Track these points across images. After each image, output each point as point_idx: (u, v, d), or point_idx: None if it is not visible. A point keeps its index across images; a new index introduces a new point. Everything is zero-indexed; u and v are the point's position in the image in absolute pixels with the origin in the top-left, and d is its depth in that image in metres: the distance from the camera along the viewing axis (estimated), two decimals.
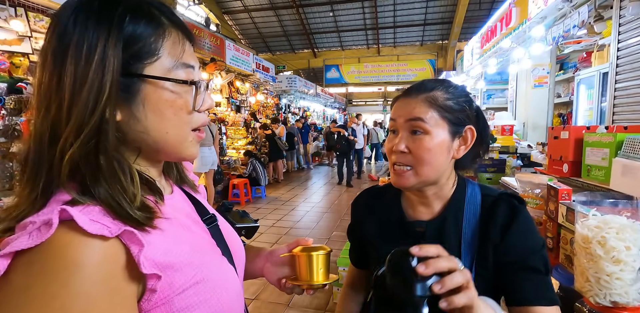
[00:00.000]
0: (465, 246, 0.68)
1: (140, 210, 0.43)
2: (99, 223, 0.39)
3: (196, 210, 0.58)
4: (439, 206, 0.74)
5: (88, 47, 0.41)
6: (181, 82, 0.47)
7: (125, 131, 0.46)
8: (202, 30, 6.06)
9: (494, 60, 5.03)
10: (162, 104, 0.46)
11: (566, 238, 0.97)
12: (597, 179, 1.61)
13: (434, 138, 0.67)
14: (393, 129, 0.72)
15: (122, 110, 0.44)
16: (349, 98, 19.25)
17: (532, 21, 3.59)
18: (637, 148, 1.38)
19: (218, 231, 0.58)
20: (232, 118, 7.39)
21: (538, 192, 1.20)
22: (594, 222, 0.79)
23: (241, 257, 0.61)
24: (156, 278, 0.41)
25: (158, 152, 0.49)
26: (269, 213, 5.12)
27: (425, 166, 0.67)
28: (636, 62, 2.45)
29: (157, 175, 0.53)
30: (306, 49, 17.17)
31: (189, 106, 0.48)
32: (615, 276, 0.73)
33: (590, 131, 1.75)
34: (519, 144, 3.41)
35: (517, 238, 0.66)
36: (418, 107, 0.68)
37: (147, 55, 0.45)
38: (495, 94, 6.69)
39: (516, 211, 0.67)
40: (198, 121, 0.51)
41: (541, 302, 0.62)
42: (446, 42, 15.25)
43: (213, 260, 0.51)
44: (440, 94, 0.69)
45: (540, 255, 0.65)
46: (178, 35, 0.48)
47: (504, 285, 0.65)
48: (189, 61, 0.49)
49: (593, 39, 3.63)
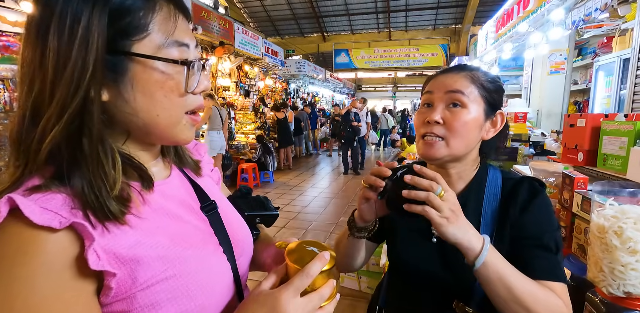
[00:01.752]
0: (485, 225, 0.70)
1: (117, 200, 0.40)
2: (52, 213, 0.36)
3: (197, 196, 0.54)
4: (461, 186, 0.76)
5: (71, 21, 0.38)
6: (172, 62, 0.43)
7: (113, 113, 0.43)
8: (211, 13, 5.96)
9: (510, 45, 4.87)
10: (151, 85, 0.43)
11: (580, 228, 0.95)
12: (613, 169, 1.58)
13: (471, 112, 0.69)
14: (427, 103, 0.73)
15: (109, 90, 0.41)
16: (359, 84, 18.97)
17: (551, 4, 3.43)
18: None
19: (218, 220, 0.54)
20: (241, 103, 7.37)
21: (552, 180, 1.18)
22: (611, 212, 0.77)
23: (244, 248, 0.57)
24: (112, 275, 0.38)
25: (149, 135, 0.46)
26: (277, 197, 5.17)
27: (458, 139, 0.69)
28: None
29: (150, 158, 0.51)
30: (315, 32, 16.81)
31: (182, 88, 0.45)
32: (630, 267, 0.72)
33: (608, 119, 1.70)
34: (532, 132, 3.34)
35: (533, 215, 0.68)
36: (460, 81, 0.70)
37: (135, 31, 0.41)
38: (509, 80, 6.52)
39: (536, 192, 0.70)
40: (193, 104, 0.47)
41: (549, 278, 0.64)
42: (459, 27, 14.76)
43: (198, 253, 0.47)
44: (481, 74, 0.72)
45: (553, 235, 0.68)
46: (171, 10, 0.44)
47: (515, 260, 0.66)
48: (182, 39, 0.45)
49: (615, 23, 3.47)
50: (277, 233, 3.71)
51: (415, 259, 0.75)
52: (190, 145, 0.63)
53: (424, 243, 0.74)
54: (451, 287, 0.72)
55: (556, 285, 0.64)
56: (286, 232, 3.75)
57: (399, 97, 18.30)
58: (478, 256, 0.58)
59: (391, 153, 9.96)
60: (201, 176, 0.60)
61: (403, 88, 18.17)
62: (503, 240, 0.69)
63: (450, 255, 0.71)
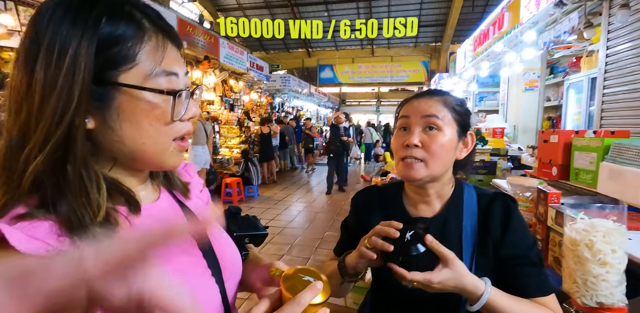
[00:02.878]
0: (466, 240, 0.74)
1: (101, 226, 0.40)
2: (38, 241, 0.36)
3: (186, 217, 0.54)
4: (439, 205, 0.79)
5: (59, 50, 0.39)
6: (158, 92, 0.43)
7: (99, 140, 0.43)
8: (196, 28, 6.01)
9: (486, 63, 5.10)
10: (137, 113, 0.43)
11: (555, 241, 0.99)
12: (584, 183, 1.65)
13: (446, 135, 0.73)
14: (404, 126, 0.77)
15: (95, 118, 0.42)
16: (343, 98, 19.28)
17: (524, 26, 3.65)
18: (624, 153, 1.42)
19: (207, 243, 0.54)
20: (226, 117, 7.35)
21: (528, 195, 1.23)
22: (582, 225, 0.81)
23: (233, 270, 0.56)
24: None
25: (135, 162, 0.47)
26: (262, 212, 5.11)
27: (437, 160, 0.72)
28: (624, 68, 2.51)
29: (139, 183, 0.51)
30: (300, 48, 17.13)
31: (168, 116, 0.45)
32: (601, 278, 0.76)
33: (578, 135, 1.80)
34: (509, 146, 3.47)
35: (515, 235, 0.73)
36: (434, 105, 0.74)
37: (123, 61, 0.42)
38: (487, 96, 6.78)
39: (511, 209, 0.74)
40: (181, 131, 0.47)
41: (542, 294, 0.70)
42: (439, 44, 15.36)
43: (185, 276, 0.47)
44: (451, 99, 0.77)
45: (536, 250, 0.74)
46: (160, 40, 0.45)
47: (506, 279, 0.71)
48: (170, 68, 0.45)
49: (582, 45, 3.71)
50: (262, 248, 3.64)
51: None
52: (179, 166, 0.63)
53: None
54: (438, 304, 0.73)
55: (548, 299, 0.70)
56: (271, 247, 3.69)
57: (383, 111, 18.67)
58: (477, 301, 0.62)
59: (375, 166, 10.07)
60: (189, 199, 0.59)
61: (386, 103, 18.57)
62: (486, 254, 0.73)
63: None
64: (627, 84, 2.48)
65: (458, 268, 0.61)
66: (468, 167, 0.82)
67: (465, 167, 0.82)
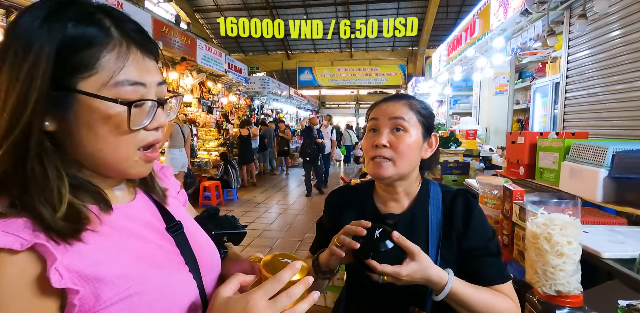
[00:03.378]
0: (432, 234, 0.79)
1: (66, 220, 0.41)
2: (13, 236, 0.38)
3: (163, 217, 0.56)
4: (407, 202, 0.84)
5: (22, 55, 0.40)
6: (111, 101, 0.43)
7: (62, 142, 0.44)
8: (172, 29, 5.90)
9: (460, 67, 5.29)
10: (94, 121, 0.43)
11: (519, 235, 1.06)
12: (548, 181, 1.76)
13: (412, 135, 0.78)
14: (373, 128, 0.81)
15: (55, 122, 0.43)
16: (322, 100, 19.39)
17: (493, 33, 3.82)
18: (582, 153, 1.53)
19: (184, 240, 0.55)
20: (203, 119, 7.23)
21: (496, 193, 1.30)
22: (542, 220, 0.87)
23: (211, 266, 0.58)
24: (75, 292, 0.40)
25: (98, 167, 0.47)
26: (242, 215, 5.06)
27: (404, 159, 0.77)
28: (583, 74, 2.68)
29: (112, 184, 0.51)
30: (280, 50, 17.11)
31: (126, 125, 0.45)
32: (559, 268, 0.82)
33: (543, 136, 1.91)
34: (481, 147, 3.61)
35: (477, 228, 0.79)
36: (400, 108, 0.79)
37: (82, 68, 0.42)
38: (460, 99, 7.02)
39: (472, 204, 0.80)
40: (145, 140, 0.47)
41: (500, 282, 0.77)
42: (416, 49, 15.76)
43: (162, 271, 0.48)
44: (416, 102, 0.82)
45: (494, 241, 0.80)
46: (125, 49, 0.44)
47: (468, 269, 0.77)
48: (137, 78, 0.45)
49: (547, 51, 3.92)
50: (242, 251, 3.61)
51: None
52: (156, 167, 0.63)
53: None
54: (407, 296, 0.78)
55: (505, 286, 0.78)
56: (251, 250, 3.66)
57: (362, 114, 18.90)
58: (442, 291, 0.67)
59: (354, 168, 10.17)
60: (166, 204, 0.59)
61: (365, 105, 18.82)
62: (450, 247, 0.78)
63: None
64: (587, 88, 2.65)
65: (423, 260, 0.66)
66: (433, 166, 0.88)
67: (430, 166, 0.87)
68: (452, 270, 0.71)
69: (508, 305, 0.75)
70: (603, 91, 2.48)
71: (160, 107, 0.48)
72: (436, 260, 0.77)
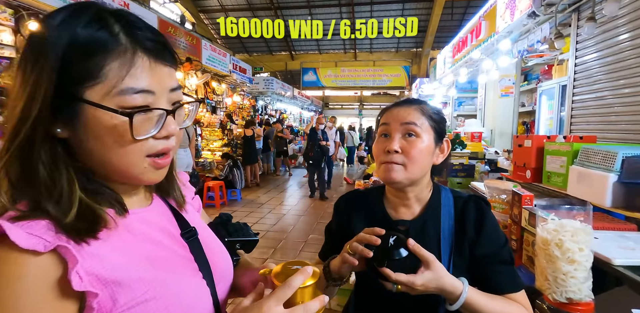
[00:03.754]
0: (444, 241, 0.78)
1: (81, 220, 0.42)
2: (37, 238, 0.38)
3: (177, 223, 0.56)
4: (419, 208, 0.83)
5: (31, 64, 0.42)
6: (112, 111, 0.42)
7: (74, 148, 0.45)
8: (178, 29, 5.93)
9: (465, 69, 5.27)
10: (100, 130, 0.43)
11: (528, 241, 1.05)
12: (556, 185, 1.74)
13: (424, 141, 0.77)
14: (385, 133, 0.81)
15: (67, 129, 0.44)
16: (326, 101, 19.39)
17: (499, 35, 3.80)
18: (591, 157, 1.51)
19: (198, 246, 0.55)
20: (208, 119, 7.26)
21: (504, 197, 1.29)
22: (552, 226, 0.86)
23: (224, 274, 0.58)
24: (94, 295, 0.40)
25: (109, 173, 0.47)
26: (245, 216, 5.06)
27: (415, 165, 0.77)
28: (591, 77, 2.66)
29: (127, 189, 0.51)
30: (284, 51, 17.13)
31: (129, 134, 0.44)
32: (570, 275, 0.81)
33: (550, 140, 1.90)
34: (487, 150, 3.59)
35: (489, 235, 0.78)
36: (413, 114, 0.79)
37: (87, 77, 0.42)
38: (465, 101, 6.99)
39: (484, 211, 0.80)
40: (154, 148, 0.46)
41: (512, 290, 0.76)
42: (420, 50, 15.72)
43: (178, 277, 0.48)
44: (428, 108, 0.81)
45: (507, 248, 0.79)
46: (134, 56, 0.43)
47: (480, 276, 0.76)
48: (145, 86, 0.44)
49: (554, 54, 3.90)
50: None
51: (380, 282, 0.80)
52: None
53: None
54: (420, 305, 0.77)
55: (518, 295, 0.77)
56: (255, 251, 3.66)
57: (365, 115, 18.90)
58: (457, 300, 0.66)
59: (357, 169, 10.15)
60: (184, 210, 0.60)
61: (369, 106, 18.82)
62: (462, 254, 0.77)
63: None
64: (594, 91, 2.63)
65: (438, 269, 0.65)
66: (445, 171, 0.87)
67: (441, 171, 0.86)
68: (465, 277, 0.71)
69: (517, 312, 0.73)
70: (611, 95, 2.46)
71: (171, 115, 0.47)
72: (449, 267, 0.76)
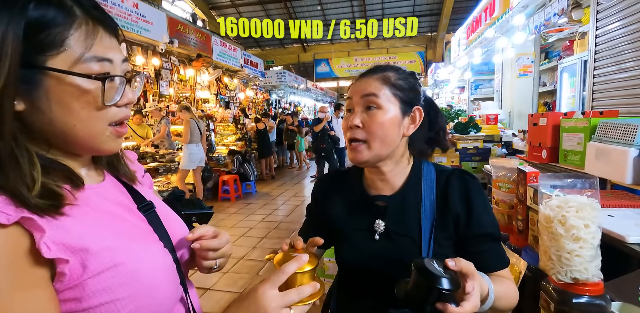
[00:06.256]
0: (425, 215, 0.74)
1: (43, 198, 0.43)
2: None
3: (133, 198, 0.58)
4: (398, 183, 0.78)
5: None
6: (86, 77, 0.45)
7: (31, 122, 0.45)
8: (187, 26, 5.97)
9: (479, 50, 5.05)
10: (67, 97, 0.44)
11: (534, 220, 0.98)
12: (573, 164, 1.64)
13: (386, 112, 0.72)
14: (349, 108, 0.76)
15: (24, 101, 0.43)
16: (340, 92, 19.20)
17: (514, 10, 3.60)
18: (610, 132, 1.41)
19: (156, 218, 0.58)
20: (221, 114, 7.33)
21: (510, 176, 1.22)
22: (556, 202, 0.80)
23: (183, 242, 0.60)
24: (65, 261, 0.42)
25: (69, 144, 0.48)
26: (259, 208, 5.12)
27: (377, 140, 0.72)
28: (614, 48, 2.47)
29: (79, 165, 0.52)
30: (296, 43, 17.02)
31: (99, 101, 0.46)
32: (575, 253, 0.75)
33: (567, 117, 1.78)
34: (503, 132, 3.45)
35: (480, 213, 0.73)
36: (373, 84, 0.73)
37: (51, 46, 0.43)
38: (482, 84, 6.73)
39: (469, 185, 0.74)
40: (116, 116, 0.49)
41: (502, 267, 0.75)
42: (435, 34, 15.25)
43: (141, 245, 0.51)
44: (392, 74, 0.75)
45: (495, 224, 0.75)
46: (91, 27, 0.46)
47: (471, 255, 0.71)
48: (103, 54, 0.46)
49: (574, 27, 3.66)
50: (259, 243, 3.66)
51: (360, 259, 0.77)
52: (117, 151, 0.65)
53: (368, 242, 0.76)
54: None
55: (505, 271, 0.75)
56: (267, 242, 3.70)
57: None
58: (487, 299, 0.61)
59: None
60: (136, 184, 0.62)
61: None
62: (445, 230, 0.73)
63: (394, 253, 0.73)
64: (618, 63, 2.45)
65: (477, 274, 0.57)
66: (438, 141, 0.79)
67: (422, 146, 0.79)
68: (449, 254, 0.67)
69: (514, 289, 0.73)
70: (636, 66, 2.27)
71: (127, 84, 0.49)
72: (429, 242, 0.72)
